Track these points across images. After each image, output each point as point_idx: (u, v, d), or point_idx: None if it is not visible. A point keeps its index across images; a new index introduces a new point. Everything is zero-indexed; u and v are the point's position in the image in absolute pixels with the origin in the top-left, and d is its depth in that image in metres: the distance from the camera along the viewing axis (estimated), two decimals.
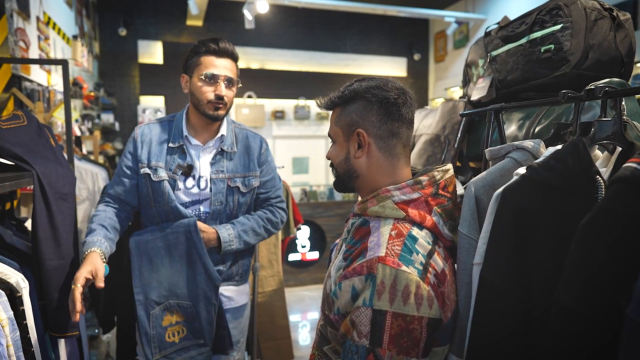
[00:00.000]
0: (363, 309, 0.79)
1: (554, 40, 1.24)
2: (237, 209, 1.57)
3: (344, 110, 0.95)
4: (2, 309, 1.08)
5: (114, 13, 5.48)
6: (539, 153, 0.89)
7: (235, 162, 1.55)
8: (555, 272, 0.70)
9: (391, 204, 0.88)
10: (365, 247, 0.84)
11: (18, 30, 2.27)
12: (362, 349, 0.78)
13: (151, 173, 1.49)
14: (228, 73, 1.49)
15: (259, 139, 1.63)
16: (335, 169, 0.99)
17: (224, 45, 1.49)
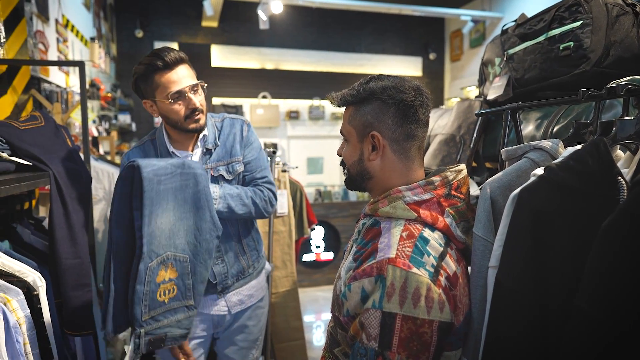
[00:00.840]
0: (372, 311, 0.77)
1: (574, 37, 1.21)
2: None
3: (359, 110, 0.93)
4: (20, 307, 1.10)
5: (131, 15, 5.55)
6: (557, 153, 0.87)
7: (218, 152, 1.51)
8: (573, 277, 0.68)
9: (402, 204, 0.87)
10: (376, 248, 0.83)
11: (37, 33, 2.31)
12: (370, 351, 0.77)
13: None
14: (189, 81, 1.39)
15: (239, 123, 1.57)
16: (348, 169, 0.97)
17: (171, 56, 1.36)
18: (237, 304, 1.59)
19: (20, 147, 1.32)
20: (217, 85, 5.77)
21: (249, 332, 1.64)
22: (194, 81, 1.41)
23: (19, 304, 1.10)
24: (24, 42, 1.79)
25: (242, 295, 1.60)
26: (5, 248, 1.32)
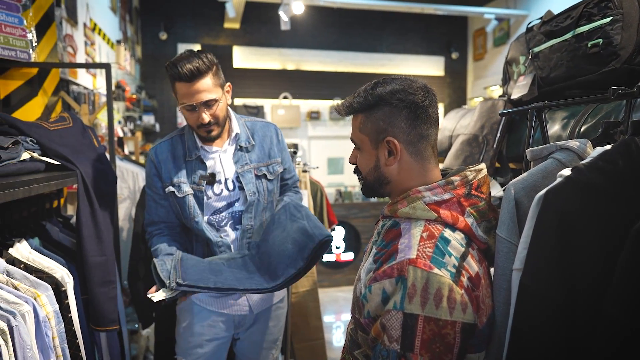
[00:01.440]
0: (394, 312, 0.77)
1: (603, 34, 1.17)
2: (267, 196, 1.56)
3: (369, 117, 0.92)
4: (49, 302, 1.14)
5: (155, 18, 5.67)
6: (585, 154, 0.84)
7: (257, 153, 1.56)
8: (602, 280, 0.66)
9: (422, 204, 0.86)
10: (396, 249, 0.82)
11: (66, 37, 2.38)
12: (393, 353, 0.76)
13: (175, 190, 1.49)
14: (204, 97, 1.38)
15: (272, 127, 1.62)
16: (364, 177, 0.96)
17: (186, 69, 1.34)
18: (259, 302, 1.59)
19: (50, 147, 1.36)
20: (239, 86, 5.83)
21: (269, 333, 1.65)
22: (209, 96, 1.39)
23: (48, 299, 1.14)
24: (54, 46, 1.85)
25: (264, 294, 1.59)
26: (35, 245, 1.37)
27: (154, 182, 1.53)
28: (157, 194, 1.54)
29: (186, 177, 1.49)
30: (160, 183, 1.52)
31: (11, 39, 1.53)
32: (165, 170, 1.51)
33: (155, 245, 1.51)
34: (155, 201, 1.55)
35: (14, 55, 1.56)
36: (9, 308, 0.97)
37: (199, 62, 1.36)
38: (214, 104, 1.42)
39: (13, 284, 1.09)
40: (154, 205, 1.55)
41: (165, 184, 1.51)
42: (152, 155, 1.53)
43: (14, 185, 1.00)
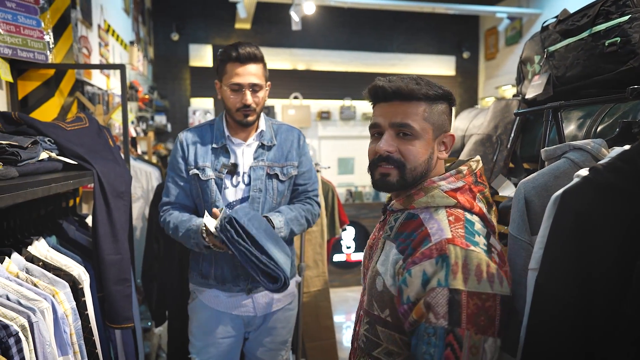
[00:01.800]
0: (439, 289, 0.79)
1: (621, 32, 1.16)
2: (277, 196, 1.58)
3: (434, 108, 0.93)
4: (66, 300, 1.16)
5: (167, 19, 5.72)
6: (599, 154, 0.84)
7: (275, 153, 1.59)
8: (619, 282, 0.66)
9: (440, 192, 0.90)
10: (427, 234, 0.85)
11: (82, 38, 2.42)
12: (440, 330, 0.78)
13: (200, 173, 1.54)
14: (252, 79, 1.50)
15: (296, 132, 1.67)
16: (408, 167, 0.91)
17: (245, 51, 1.48)
18: (264, 306, 1.60)
19: (67, 147, 1.38)
20: None
21: (277, 334, 1.66)
22: (257, 81, 1.50)
23: (65, 296, 1.16)
24: (70, 47, 1.88)
25: (269, 298, 1.62)
26: (52, 243, 1.39)
27: (178, 165, 1.58)
28: (179, 176, 1.58)
29: (210, 162, 1.55)
30: (185, 165, 1.57)
31: (29, 41, 1.56)
32: (192, 153, 1.56)
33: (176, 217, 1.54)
34: (175, 183, 1.59)
35: (32, 56, 1.58)
36: (28, 304, 0.99)
37: (257, 51, 1.52)
38: (259, 90, 1.52)
39: (32, 281, 1.11)
40: (173, 187, 1.59)
41: (189, 167, 1.55)
42: (181, 138, 1.60)
43: (33, 185, 1.01)
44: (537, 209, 0.84)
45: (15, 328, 0.90)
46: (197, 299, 1.63)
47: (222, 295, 1.58)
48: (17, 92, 1.68)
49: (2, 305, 0.95)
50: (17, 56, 1.54)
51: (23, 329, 0.93)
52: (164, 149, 4.96)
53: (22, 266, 1.16)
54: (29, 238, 1.31)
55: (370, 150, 0.97)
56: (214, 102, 5.95)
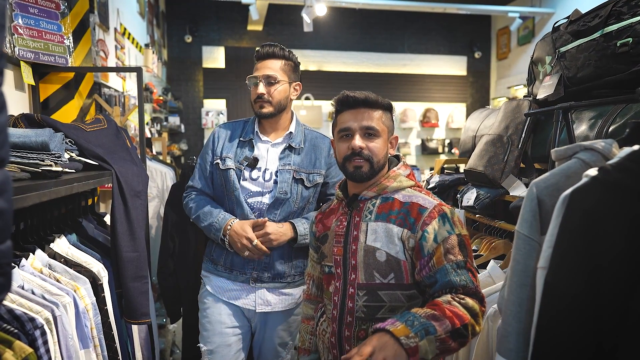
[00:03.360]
0: (452, 237, 1.08)
1: (633, 33, 1.16)
2: (299, 201, 1.60)
3: (386, 115, 1.20)
4: (87, 295, 1.20)
5: (181, 21, 5.79)
6: (610, 154, 0.84)
7: (302, 158, 1.62)
8: (629, 281, 0.67)
9: (404, 177, 1.20)
10: (419, 205, 1.13)
11: (99, 42, 2.48)
12: (461, 262, 1.07)
13: (220, 163, 1.60)
14: (266, 72, 1.56)
15: (327, 140, 1.68)
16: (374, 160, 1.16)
17: (264, 50, 1.58)
18: (264, 303, 1.61)
19: (87, 148, 1.43)
20: None
21: (277, 336, 1.66)
22: (270, 72, 1.56)
23: (86, 292, 1.20)
24: (89, 51, 1.93)
25: (271, 296, 1.61)
26: (73, 240, 1.44)
27: (207, 155, 1.66)
28: (205, 167, 1.66)
29: (234, 154, 1.61)
30: (212, 157, 1.65)
31: (51, 45, 1.61)
32: (220, 145, 1.64)
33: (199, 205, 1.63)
34: (202, 171, 1.67)
35: (53, 60, 1.64)
36: (52, 299, 1.03)
37: (277, 50, 1.59)
38: (274, 83, 1.56)
39: (55, 277, 1.15)
40: (199, 174, 1.68)
41: (215, 158, 1.63)
42: (216, 131, 1.69)
43: (57, 184, 1.06)
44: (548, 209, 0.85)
45: (40, 321, 0.94)
46: (204, 287, 1.67)
47: (228, 284, 1.61)
48: (38, 94, 1.73)
49: (28, 299, 0.99)
50: (39, 60, 1.59)
51: (48, 322, 0.97)
52: (178, 149, 5.03)
53: (45, 262, 1.20)
54: (51, 235, 1.36)
55: (343, 148, 1.19)
56: (226, 103, 6.02)
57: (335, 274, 1.21)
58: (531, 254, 0.84)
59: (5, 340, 0.84)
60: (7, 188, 0.54)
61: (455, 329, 0.98)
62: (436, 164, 2.21)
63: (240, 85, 5.90)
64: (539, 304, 0.79)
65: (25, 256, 1.13)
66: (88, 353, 1.14)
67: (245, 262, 1.59)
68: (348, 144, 1.17)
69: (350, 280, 1.17)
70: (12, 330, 0.89)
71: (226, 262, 1.62)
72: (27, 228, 1.27)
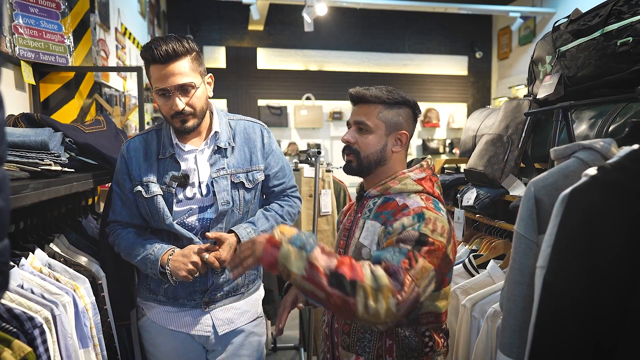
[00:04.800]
0: (412, 231, 1.01)
1: (633, 32, 1.16)
2: (243, 206, 1.39)
3: (390, 110, 1.16)
4: (86, 294, 1.20)
5: (182, 21, 5.80)
6: (609, 153, 0.84)
7: (236, 157, 1.39)
8: (628, 281, 0.66)
9: (411, 181, 1.14)
10: (405, 205, 1.08)
11: (100, 41, 2.48)
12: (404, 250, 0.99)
13: (143, 190, 1.33)
14: (178, 80, 1.25)
15: (258, 127, 1.45)
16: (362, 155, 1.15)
17: (162, 49, 1.23)
18: (224, 322, 1.40)
19: (86, 148, 1.43)
20: (263, 87, 5.91)
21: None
22: (184, 80, 1.25)
23: (86, 291, 1.20)
24: (89, 50, 1.94)
25: (231, 313, 1.41)
26: (73, 240, 1.44)
27: (122, 181, 1.37)
28: (124, 194, 1.37)
29: (156, 176, 1.34)
30: (130, 183, 1.36)
31: (51, 45, 1.62)
32: (136, 168, 1.35)
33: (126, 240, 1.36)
34: (121, 200, 1.38)
35: (54, 60, 1.64)
36: (51, 298, 1.03)
37: (176, 44, 1.24)
38: (190, 90, 1.27)
39: (54, 276, 1.15)
40: (119, 205, 1.38)
41: (134, 183, 1.35)
42: (124, 151, 1.37)
43: (57, 183, 1.06)
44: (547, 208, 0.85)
45: (39, 320, 0.94)
46: (145, 316, 1.42)
47: (174, 311, 1.38)
48: (39, 94, 1.74)
49: (27, 298, 0.99)
50: (39, 60, 1.60)
51: (47, 321, 0.97)
52: None
53: (45, 262, 1.20)
54: (50, 235, 1.36)
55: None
56: (227, 103, 6.02)
57: None
58: (527, 253, 0.84)
59: (4, 339, 0.84)
60: (4, 186, 0.54)
61: (336, 273, 0.90)
62: (436, 164, 2.21)
63: (241, 85, 5.90)
64: (537, 303, 0.79)
65: (24, 255, 1.13)
66: (87, 352, 1.14)
67: (192, 289, 1.37)
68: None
69: None
70: (11, 329, 0.89)
71: (168, 292, 1.37)
72: (27, 227, 1.28)
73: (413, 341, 1.09)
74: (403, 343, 1.09)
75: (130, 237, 1.36)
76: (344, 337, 1.15)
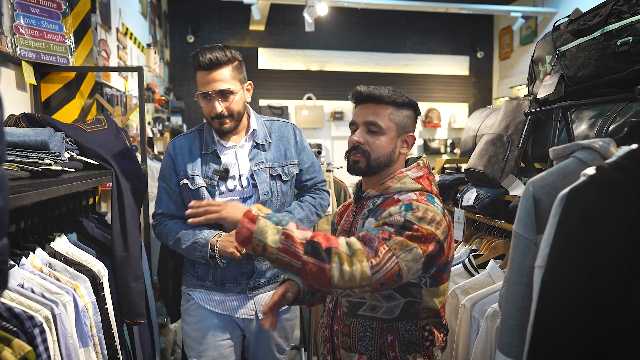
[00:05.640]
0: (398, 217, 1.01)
1: (633, 31, 1.16)
2: (281, 197, 1.54)
3: (399, 111, 1.15)
4: (87, 294, 1.20)
5: (183, 21, 5.81)
6: (608, 153, 0.84)
7: (273, 152, 1.55)
8: (627, 281, 0.66)
9: (410, 179, 1.14)
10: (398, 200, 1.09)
11: (101, 42, 2.49)
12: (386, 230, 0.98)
13: (189, 182, 1.49)
14: (219, 86, 1.42)
15: (291, 127, 1.61)
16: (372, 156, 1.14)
17: (208, 57, 1.40)
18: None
19: (87, 148, 1.44)
20: (264, 87, 5.91)
21: (275, 343, 1.61)
22: (224, 86, 1.42)
23: (86, 290, 1.20)
24: (90, 51, 1.94)
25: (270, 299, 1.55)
26: (73, 239, 1.44)
27: (169, 176, 1.53)
28: (170, 188, 1.53)
29: (200, 170, 1.50)
30: (176, 177, 1.52)
31: (52, 45, 1.62)
32: (182, 163, 1.51)
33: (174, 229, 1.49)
34: (167, 194, 1.54)
35: (55, 60, 1.64)
36: (52, 297, 1.03)
37: (220, 54, 1.41)
38: (229, 96, 1.44)
39: (55, 276, 1.16)
40: (166, 198, 1.54)
41: (180, 177, 1.51)
42: (170, 148, 1.55)
43: (57, 183, 1.06)
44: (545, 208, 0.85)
45: (39, 319, 0.94)
46: (192, 300, 1.56)
47: (220, 296, 1.52)
48: (40, 94, 1.74)
49: (27, 298, 1.00)
50: (40, 60, 1.60)
51: (47, 320, 0.97)
52: None
53: (46, 261, 1.21)
54: (51, 234, 1.36)
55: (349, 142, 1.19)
56: None
57: None
58: (526, 253, 0.84)
59: (4, 338, 0.85)
60: (3, 185, 0.54)
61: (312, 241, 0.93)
62: (437, 164, 2.21)
63: None
64: (535, 303, 0.79)
65: (25, 255, 1.14)
66: (88, 352, 1.14)
67: (238, 274, 1.50)
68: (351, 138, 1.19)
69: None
70: (11, 328, 0.90)
71: (216, 277, 1.51)
72: (28, 227, 1.28)
73: (414, 335, 1.11)
74: (404, 337, 1.10)
75: (178, 227, 1.49)
76: (345, 338, 1.15)
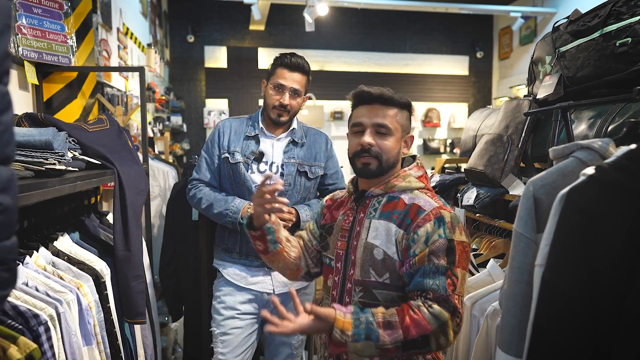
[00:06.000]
0: (441, 240, 1.06)
1: (632, 32, 1.17)
2: (302, 191, 1.75)
3: (402, 113, 1.18)
4: (90, 292, 1.21)
5: (183, 21, 5.81)
6: (607, 153, 0.85)
7: (305, 152, 1.77)
8: (626, 280, 0.67)
9: (414, 178, 1.18)
10: (418, 206, 1.12)
11: (102, 41, 2.49)
12: (442, 267, 1.05)
13: (229, 157, 1.71)
14: (295, 85, 1.68)
15: (324, 136, 1.86)
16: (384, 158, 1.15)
17: (296, 61, 1.69)
18: (281, 284, 1.71)
19: (89, 147, 1.44)
20: None
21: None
22: (298, 87, 1.69)
23: (89, 289, 1.21)
24: (91, 51, 1.95)
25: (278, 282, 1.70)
26: (76, 239, 1.45)
27: (212, 149, 1.75)
28: (211, 159, 1.75)
29: (241, 149, 1.72)
30: (218, 151, 1.74)
31: (54, 45, 1.63)
32: (226, 139, 1.74)
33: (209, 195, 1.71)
34: (207, 164, 1.76)
35: (56, 60, 1.65)
36: (55, 296, 1.04)
37: (305, 65, 1.72)
38: (297, 96, 1.71)
39: (58, 274, 1.17)
40: (205, 167, 1.76)
41: (222, 151, 1.73)
42: (220, 126, 1.78)
43: (60, 182, 1.07)
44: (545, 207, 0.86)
45: (44, 317, 0.95)
46: (221, 277, 1.76)
47: (244, 270, 1.72)
48: (42, 94, 1.75)
49: (32, 296, 1.00)
50: (42, 60, 1.61)
51: (51, 318, 0.98)
52: (180, 148, 5.05)
53: (49, 260, 1.21)
54: (54, 234, 1.37)
55: (354, 143, 1.18)
56: (228, 103, 6.03)
57: (334, 267, 1.22)
58: (526, 252, 0.85)
59: (10, 335, 0.85)
60: (12, 185, 0.55)
61: (408, 340, 1.00)
62: (437, 164, 2.22)
63: (242, 85, 5.91)
64: (535, 302, 0.80)
65: (29, 254, 1.15)
66: (91, 350, 1.15)
67: None
68: (359, 140, 1.16)
69: (349, 276, 1.17)
70: (17, 326, 0.91)
71: (241, 249, 1.71)
72: (31, 226, 1.29)
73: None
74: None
75: (212, 193, 1.72)
76: None
